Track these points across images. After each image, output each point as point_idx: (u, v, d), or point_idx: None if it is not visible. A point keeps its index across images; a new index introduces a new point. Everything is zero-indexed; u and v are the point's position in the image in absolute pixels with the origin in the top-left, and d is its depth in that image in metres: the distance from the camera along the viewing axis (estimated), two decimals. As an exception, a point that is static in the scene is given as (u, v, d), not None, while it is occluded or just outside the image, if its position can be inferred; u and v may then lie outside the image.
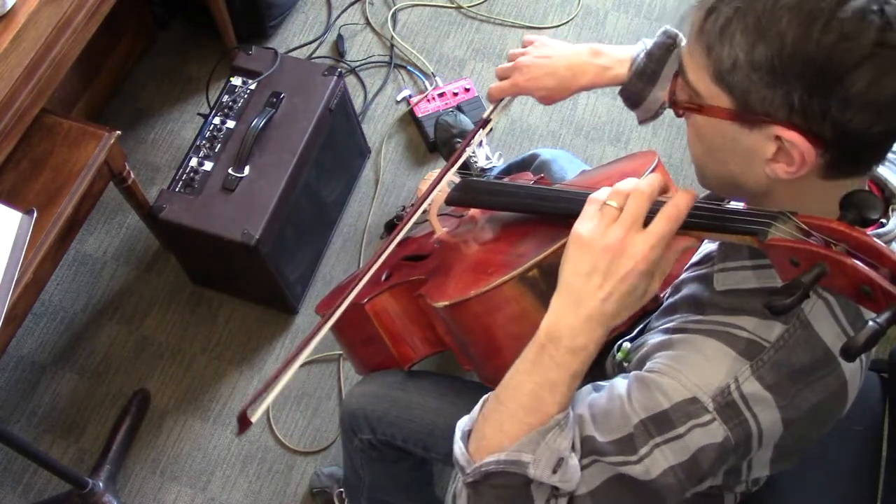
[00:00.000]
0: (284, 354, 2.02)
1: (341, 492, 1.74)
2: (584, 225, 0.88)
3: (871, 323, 0.73)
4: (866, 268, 0.75)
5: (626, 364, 1.02)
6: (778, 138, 0.79)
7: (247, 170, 1.83)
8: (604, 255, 0.85)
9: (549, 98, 1.31)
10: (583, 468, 0.91)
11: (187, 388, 1.99)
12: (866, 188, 0.88)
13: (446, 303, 1.09)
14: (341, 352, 1.99)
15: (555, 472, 0.89)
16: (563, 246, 0.98)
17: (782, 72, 0.76)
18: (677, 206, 0.85)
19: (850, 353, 0.74)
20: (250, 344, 2.04)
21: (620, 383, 0.93)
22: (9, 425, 1.93)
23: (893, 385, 1.35)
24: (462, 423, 0.97)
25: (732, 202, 1.04)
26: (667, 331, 0.95)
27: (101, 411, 1.96)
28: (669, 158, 2.22)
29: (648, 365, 0.92)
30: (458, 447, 0.95)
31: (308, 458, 1.91)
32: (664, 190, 0.89)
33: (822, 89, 0.75)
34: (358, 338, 1.34)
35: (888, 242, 0.87)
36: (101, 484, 1.79)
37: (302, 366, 1.97)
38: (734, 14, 0.77)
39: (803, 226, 0.80)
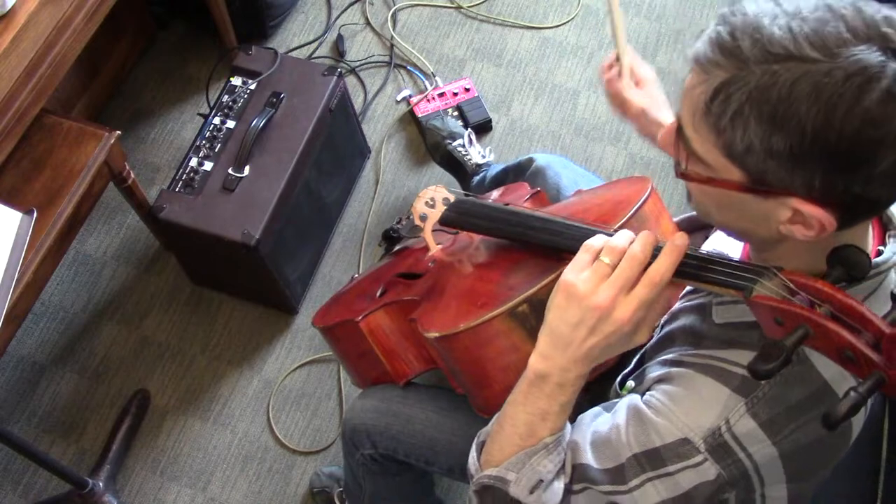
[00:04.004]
0: (284, 354, 2.02)
1: (342, 491, 1.74)
2: (576, 275, 0.88)
3: (851, 393, 0.71)
4: (848, 334, 0.73)
5: None
6: (795, 208, 0.78)
7: (247, 170, 1.83)
8: (592, 314, 0.87)
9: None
10: (576, 493, 0.94)
11: (187, 388, 1.99)
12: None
13: (436, 334, 1.09)
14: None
15: (532, 492, 0.92)
16: (554, 281, 0.98)
17: (802, 158, 0.73)
18: (661, 274, 0.86)
19: (830, 423, 0.71)
20: (250, 344, 2.04)
21: (622, 410, 0.94)
22: (9, 425, 1.93)
23: (893, 385, 1.34)
24: (480, 434, 1.01)
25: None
26: (665, 363, 0.96)
27: (101, 411, 1.96)
28: (669, 161, 2.21)
29: (646, 396, 0.93)
30: (472, 457, 1.00)
31: (308, 458, 1.91)
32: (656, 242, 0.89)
33: (845, 171, 0.73)
34: (354, 352, 1.34)
35: (886, 270, 0.86)
36: (101, 484, 1.79)
37: (301, 366, 1.99)
38: (746, 101, 0.74)
39: (789, 283, 0.78)
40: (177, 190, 1.82)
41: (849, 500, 1.29)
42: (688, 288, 1.04)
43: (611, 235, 0.91)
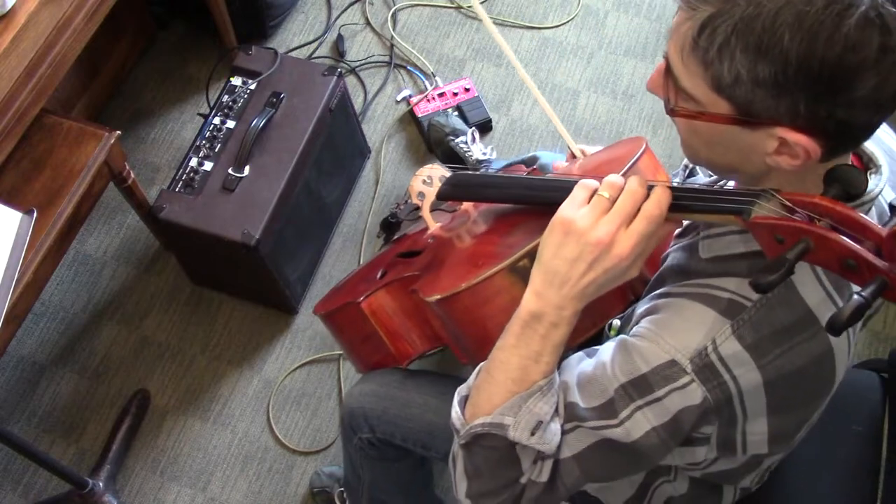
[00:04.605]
0: (284, 354, 2.02)
1: (342, 491, 1.74)
2: (573, 211, 0.89)
3: (856, 296, 0.73)
4: (850, 241, 0.75)
5: None
6: (781, 137, 0.80)
7: (247, 170, 1.83)
8: (592, 249, 0.87)
9: None
10: (566, 433, 0.95)
11: (187, 388, 1.99)
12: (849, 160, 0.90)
13: (438, 297, 1.09)
14: (341, 352, 1.99)
15: (533, 433, 0.93)
16: None
17: (787, 86, 0.76)
18: (660, 206, 0.87)
19: (835, 327, 0.74)
20: (250, 344, 2.04)
21: (607, 349, 0.95)
22: (9, 425, 1.93)
23: (893, 385, 1.35)
24: (460, 389, 1.01)
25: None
26: (652, 297, 0.97)
27: (101, 411, 1.96)
28: (669, 159, 2.22)
29: (633, 329, 0.94)
30: (455, 412, 0.99)
31: (308, 458, 1.91)
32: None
33: (828, 97, 0.76)
34: (357, 336, 1.34)
35: (868, 203, 0.88)
36: (101, 484, 1.79)
37: (301, 366, 1.99)
38: (732, 32, 0.77)
39: (787, 202, 0.81)
40: (177, 190, 1.82)
41: (849, 500, 1.29)
42: (676, 231, 1.05)
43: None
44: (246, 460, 1.91)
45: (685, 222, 1.04)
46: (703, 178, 1.20)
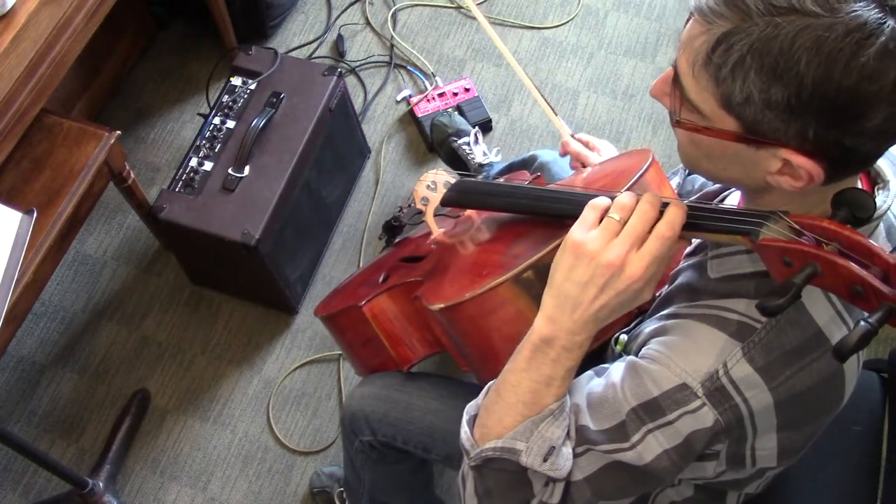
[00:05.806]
0: (284, 354, 2.02)
1: (342, 491, 1.74)
2: (584, 233, 0.88)
3: (862, 323, 0.72)
4: (858, 268, 0.75)
5: (624, 355, 1.03)
6: (785, 159, 0.79)
7: (247, 170, 1.83)
8: (604, 271, 0.86)
9: None
10: (577, 455, 0.94)
11: (187, 388, 1.99)
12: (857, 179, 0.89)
13: (441, 305, 1.09)
14: (341, 352, 1.99)
15: (546, 459, 0.92)
16: (559, 246, 0.99)
17: (799, 110, 0.75)
18: (672, 227, 0.86)
19: (842, 353, 0.73)
20: (250, 344, 2.04)
21: (617, 370, 0.94)
22: (9, 425, 1.93)
23: (893, 385, 1.35)
24: (469, 408, 1.00)
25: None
26: (661, 317, 0.96)
27: (101, 411, 1.96)
28: (669, 159, 2.22)
29: (643, 351, 0.93)
30: (464, 432, 0.98)
31: (308, 458, 1.91)
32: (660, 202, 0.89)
33: (839, 124, 0.75)
34: (358, 339, 1.34)
35: (878, 219, 0.87)
36: (101, 484, 1.79)
37: (301, 366, 1.99)
38: (748, 52, 0.75)
39: (795, 225, 0.80)
40: (177, 190, 1.82)
41: (849, 500, 1.29)
42: (687, 250, 1.05)
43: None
44: (246, 460, 1.91)
45: (694, 241, 1.03)
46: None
